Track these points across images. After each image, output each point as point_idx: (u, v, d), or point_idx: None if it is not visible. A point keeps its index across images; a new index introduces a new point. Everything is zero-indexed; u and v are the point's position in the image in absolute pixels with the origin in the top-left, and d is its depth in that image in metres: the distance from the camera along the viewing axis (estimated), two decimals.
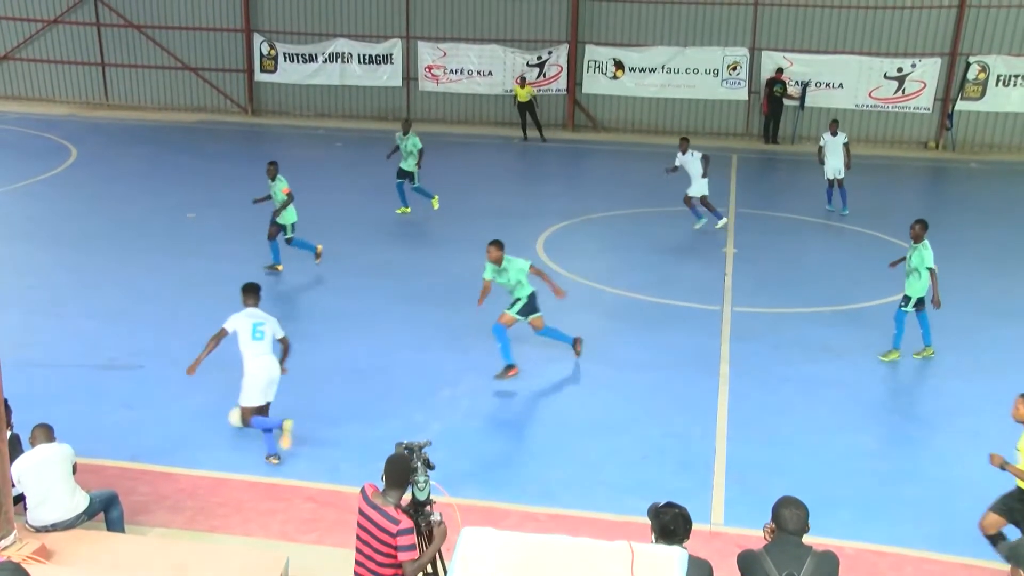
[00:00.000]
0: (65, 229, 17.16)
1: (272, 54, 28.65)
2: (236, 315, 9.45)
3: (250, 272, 14.90)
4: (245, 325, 9.37)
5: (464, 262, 15.75)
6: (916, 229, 11.81)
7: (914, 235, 11.82)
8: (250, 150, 24.85)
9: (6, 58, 29.90)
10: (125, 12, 28.92)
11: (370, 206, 19.01)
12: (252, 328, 9.38)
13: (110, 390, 10.90)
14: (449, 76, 27.98)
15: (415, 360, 11.89)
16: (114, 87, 29.95)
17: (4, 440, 6.67)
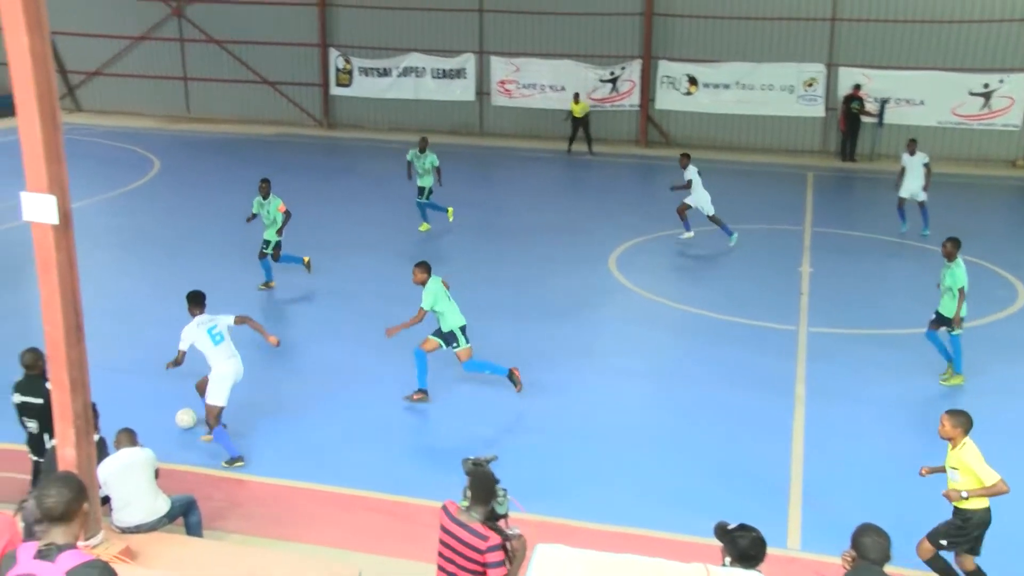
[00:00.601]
0: (146, 239, 17.63)
1: (348, 68, 29.11)
2: (186, 329, 9.55)
3: (320, 283, 15.19)
4: (200, 335, 9.47)
5: (534, 278, 15.79)
6: (947, 247, 11.42)
7: (946, 253, 11.44)
8: (325, 163, 25.27)
9: (97, 74, 30.90)
10: (207, 28, 29.68)
11: (442, 217, 19.14)
12: (209, 335, 9.49)
13: (187, 397, 11.11)
14: (522, 91, 28.10)
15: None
16: (196, 100, 30.74)
17: (92, 443, 6.85)
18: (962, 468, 7.22)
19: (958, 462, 7.25)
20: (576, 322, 13.88)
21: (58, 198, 6.08)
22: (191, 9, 29.71)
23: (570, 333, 13.40)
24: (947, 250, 11.40)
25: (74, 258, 6.36)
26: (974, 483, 7.16)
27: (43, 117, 5.95)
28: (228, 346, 9.63)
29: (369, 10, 28.52)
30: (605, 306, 14.77)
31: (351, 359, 12.28)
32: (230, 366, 9.57)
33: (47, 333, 6.42)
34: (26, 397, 8.14)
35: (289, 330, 13.33)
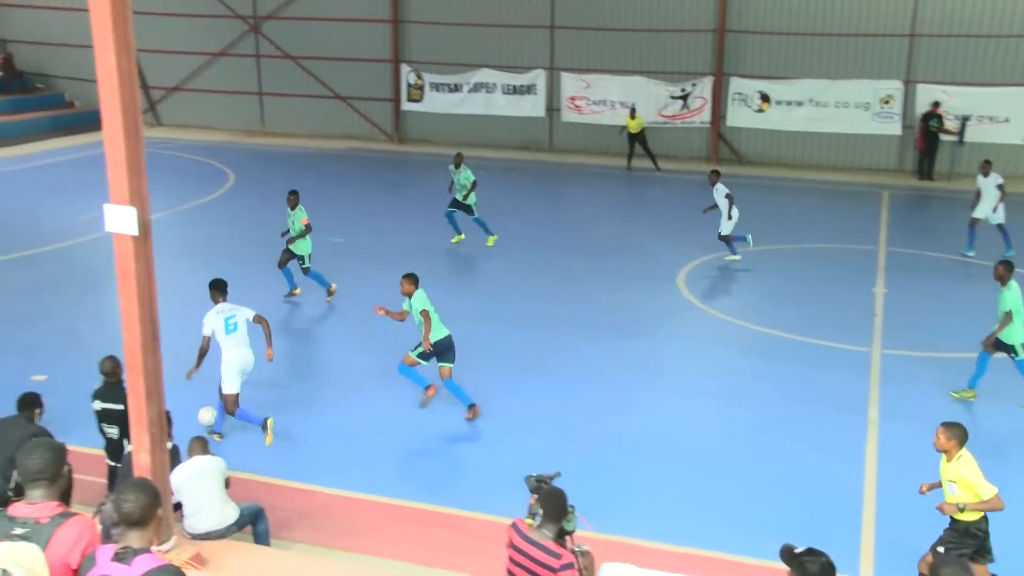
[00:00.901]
0: (219, 250, 18.00)
1: (419, 84, 29.42)
2: (207, 316, 10.17)
3: (390, 295, 15.30)
4: (218, 322, 10.13)
5: (600, 295, 15.72)
6: (999, 270, 11.14)
7: (997, 276, 11.15)
8: (395, 177, 25.55)
9: (176, 89, 31.74)
10: (282, 44, 30.29)
11: (513, 231, 19.20)
12: (224, 323, 10.14)
13: (254, 407, 11.28)
14: (592, 107, 28.07)
15: (546, 390, 11.88)
16: (270, 115, 31.37)
17: (166, 450, 6.99)
18: (959, 481, 7.14)
19: (955, 475, 7.17)
20: (642, 340, 13.78)
21: (138, 210, 6.24)
22: (267, 26, 30.35)
23: (635, 351, 13.31)
24: (998, 273, 11.16)
25: (152, 268, 6.52)
26: (971, 496, 7.09)
27: (127, 132, 6.11)
28: (239, 336, 10.20)
29: (441, 26, 28.83)
30: (672, 324, 14.64)
31: None
32: (236, 355, 10.11)
33: (125, 341, 6.58)
34: (106, 404, 8.36)
35: (348, 342, 13.47)
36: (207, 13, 30.57)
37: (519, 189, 24.34)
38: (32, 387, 9.14)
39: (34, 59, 32.68)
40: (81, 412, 10.06)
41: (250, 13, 30.37)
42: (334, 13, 29.58)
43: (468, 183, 18.10)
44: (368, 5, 29.31)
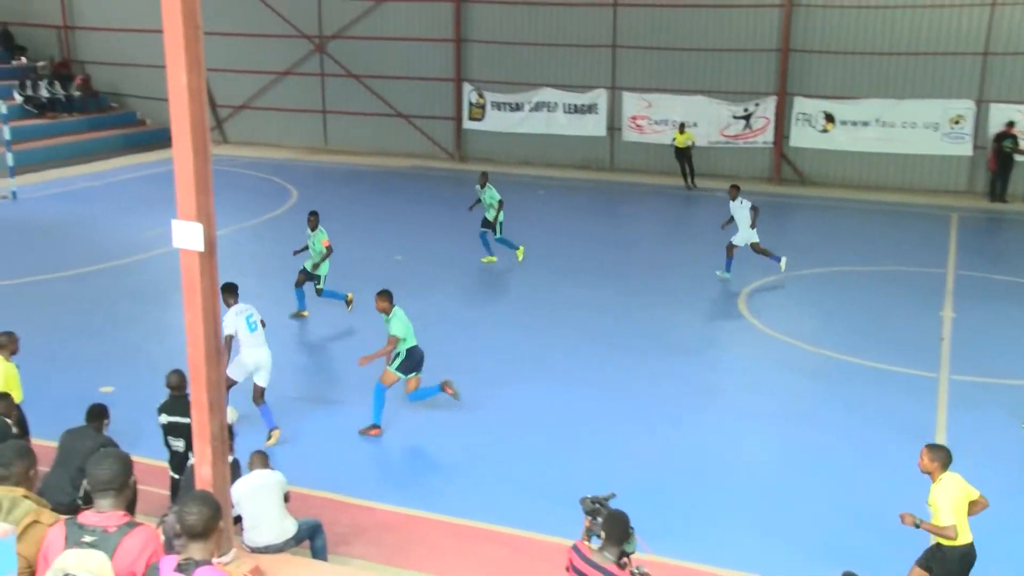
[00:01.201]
0: (282, 266, 18.20)
1: (481, 103, 29.61)
2: (227, 316, 10.45)
3: (454, 311, 15.39)
4: (240, 322, 10.72)
5: (658, 314, 15.61)
6: None
7: None
8: (456, 195, 25.64)
9: (243, 107, 32.38)
10: (346, 64, 30.74)
11: (569, 249, 19.19)
12: (246, 322, 10.74)
13: (315, 421, 11.41)
14: (653, 127, 27.96)
15: (601, 406, 11.81)
16: (333, 133, 31.82)
17: (227, 463, 7.08)
18: (932, 505, 7.18)
19: (931, 498, 7.19)
20: (700, 358, 13.67)
21: (205, 226, 6.35)
22: (332, 45, 30.83)
23: (692, 369, 13.21)
24: None
25: (216, 284, 6.63)
26: (935, 518, 7.14)
27: (195, 150, 6.23)
28: (259, 335, 10.80)
29: (503, 46, 29.01)
30: (731, 344, 14.50)
31: (467, 389, 12.36)
32: (253, 354, 10.72)
33: (189, 355, 6.69)
34: (172, 417, 8.51)
35: None
36: (275, 33, 31.16)
37: (579, 208, 24.32)
38: (100, 398, 9.35)
39: (109, 79, 33.60)
40: (145, 424, 10.26)
41: (316, 33, 30.89)
42: (398, 33, 29.95)
43: (495, 202, 18.10)
44: (431, 25, 29.63)
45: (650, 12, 27.40)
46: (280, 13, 30.83)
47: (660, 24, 27.37)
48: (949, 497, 7.05)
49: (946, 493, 7.06)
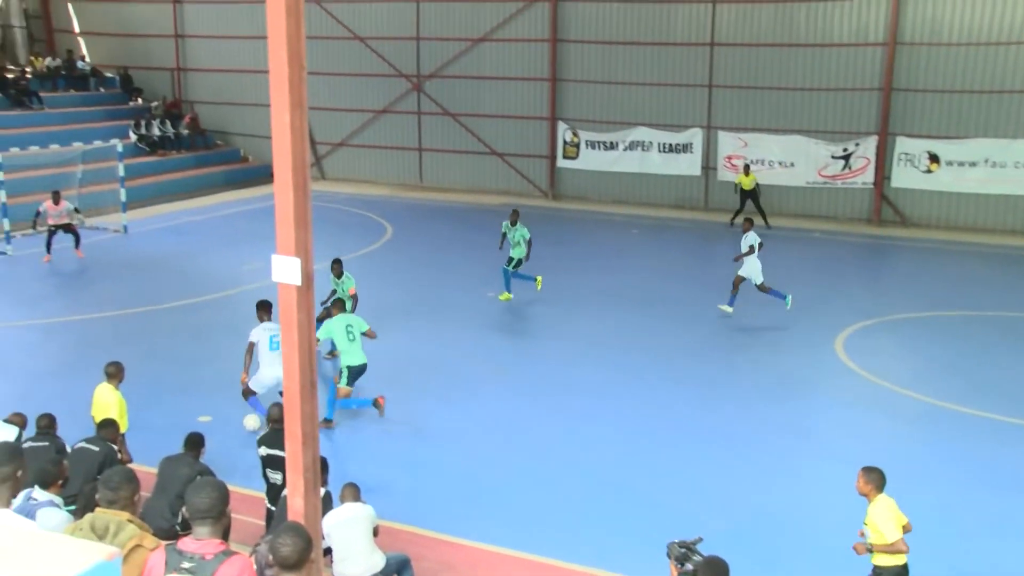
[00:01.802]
0: (376, 301, 18.49)
1: (575, 141, 29.72)
2: (256, 329, 11.81)
3: (547, 349, 15.35)
4: (263, 337, 11.69)
5: (754, 357, 15.30)
6: None
7: None
8: (549, 233, 25.70)
9: (342, 144, 33.18)
10: (443, 102, 31.26)
11: (664, 288, 18.98)
12: (269, 340, 11.58)
13: (401, 455, 11.46)
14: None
15: (692, 450, 11.58)
16: (428, 170, 32.32)
17: (319, 495, 7.14)
18: (870, 524, 7.45)
19: (868, 519, 7.47)
20: (795, 403, 13.33)
21: (303, 261, 6.45)
22: (429, 84, 31.42)
23: (787, 414, 12.89)
24: None
25: (312, 318, 6.72)
26: (879, 539, 7.38)
27: (295, 186, 6.36)
28: (279, 355, 10.26)
29: (598, 85, 29.12)
30: (828, 389, 14.11)
31: (561, 429, 12.28)
32: (271, 371, 11.48)
33: (285, 387, 6.78)
34: (272, 450, 8.64)
35: (488, 388, 13.53)
36: (373, 72, 31.92)
37: (674, 248, 24.12)
38: (198, 427, 9.59)
39: (215, 117, 34.86)
40: (239, 453, 10.48)
41: (413, 72, 31.52)
42: (494, 72, 30.36)
43: (524, 241, 18.12)
44: (527, 64, 29.95)
45: (747, 51, 27.20)
46: (380, 53, 31.60)
47: (757, 63, 27.14)
48: (888, 515, 7.40)
49: (883, 512, 7.43)
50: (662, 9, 27.96)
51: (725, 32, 27.40)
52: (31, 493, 6.72)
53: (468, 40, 30.42)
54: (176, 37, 34.60)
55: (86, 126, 30.05)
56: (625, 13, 28.41)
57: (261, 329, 11.81)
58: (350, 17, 31.71)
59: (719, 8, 27.29)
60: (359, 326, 12.32)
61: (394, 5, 31.26)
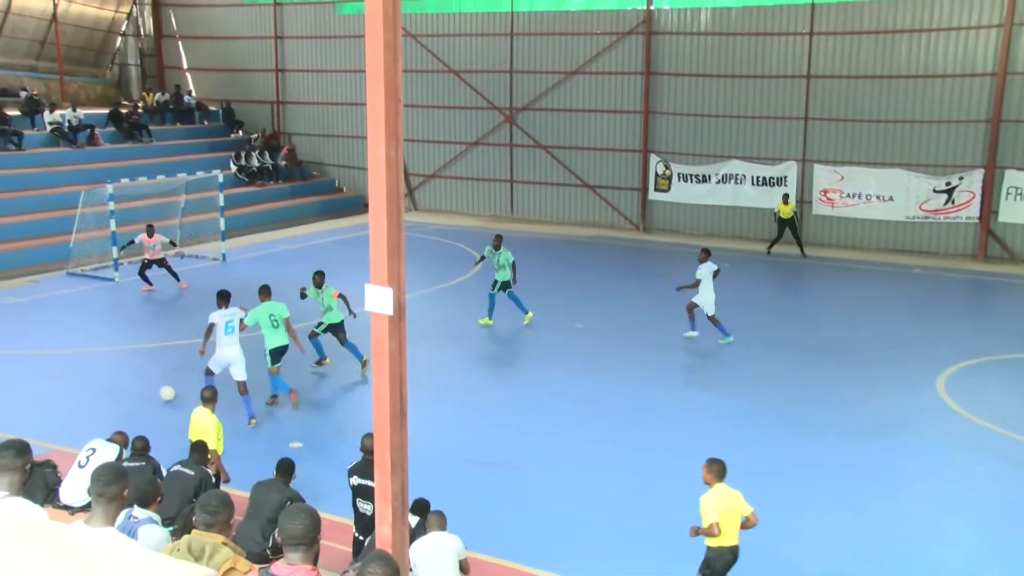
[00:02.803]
0: (466, 331, 18.61)
1: (667, 174, 29.53)
2: (214, 313, 13.68)
3: (636, 384, 15.18)
4: (221, 322, 13.57)
5: (850, 396, 14.86)
6: None
7: None
8: (639, 266, 25.60)
9: (434, 176, 33.63)
10: (535, 134, 31.45)
11: (760, 324, 18.61)
12: (225, 324, 13.53)
13: (489, 486, 11.42)
14: (845, 200, 27.02)
15: (787, 489, 11.26)
16: (520, 202, 32.48)
17: (407, 524, 7.15)
18: (700, 508, 8.30)
19: (700, 504, 8.32)
20: (893, 443, 12.87)
21: (395, 291, 6.52)
22: (521, 116, 31.66)
23: (884, 454, 12.48)
24: None
25: (404, 347, 6.77)
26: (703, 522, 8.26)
27: (389, 217, 6.44)
28: (233, 338, 13.55)
29: (691, 117, 28.94)
30: (928, 429, 13.61)
31: (649, 463, 12.09)
32: (226, 352, 13.47)
33: (375, 416, 6.83)
34: (363, 480, 8.69)
35: (577, 422, 13.40)
36: (466, 105, 32.35)
37: (767, 283, 23.68)
38: (289, 453, 9.73)
39: (311, 149, 35.75)
40: (328, 480, 10.58)
41: (506, 104, 31.82)
42: (586, 104, 30.45)
43: (508, 264, 18.51)
44: (620, 97, 29.95)
45: (845, 83, 26.69)
46: (473, 86, 32.01)
47: (856, 95, 26.60)
48: (713, 502, 8.28)
49: (712, 499, 8.31)
50: (757, 41, 27.68)
51: (822, 64, 26.96)
52: (131, 512, 6.92)
53: (561, 73, 30.60)
54: (276, 71, 35.67)
55: (190, 157, 31.18)
56: (720, 45, 28.22)
57: (219, 314, 13.63)
58: (445, 50, 32.25)
59: (816, 40, 26.89)
60: (280, 314, 14.06)
61: (488, 39, 31.68)
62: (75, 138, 29.45)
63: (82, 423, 12.74)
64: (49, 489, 9.00)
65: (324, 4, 34.11)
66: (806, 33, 26.98)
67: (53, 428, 12.63)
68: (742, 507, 8.35)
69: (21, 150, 27.72)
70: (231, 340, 13.51)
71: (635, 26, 29.26)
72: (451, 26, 32.14)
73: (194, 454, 9.43)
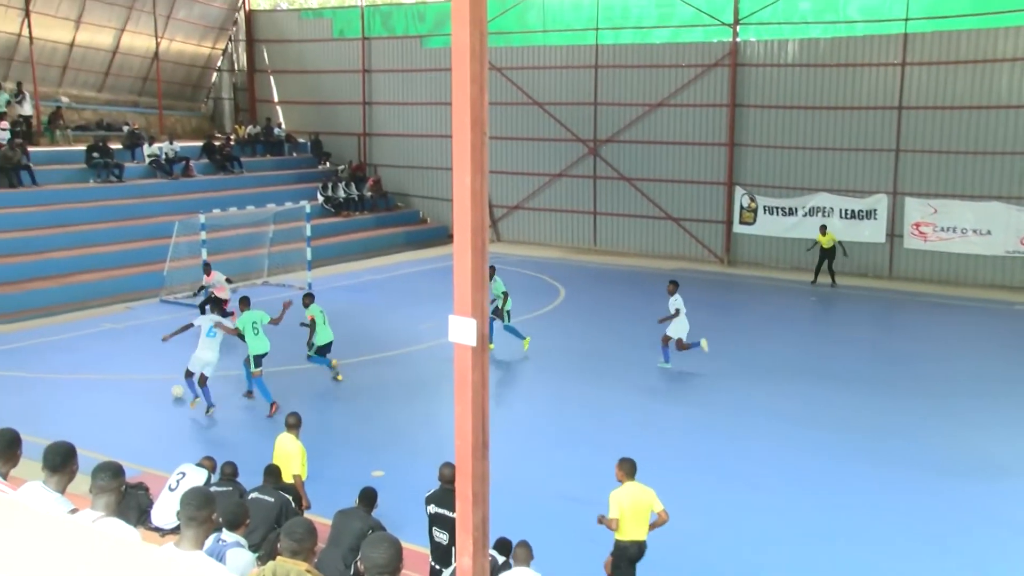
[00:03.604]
0: (549, 363, 18.56)
1: (752, 207, 29.16)
2: (200, 317, 15.47)
3: (722, 420, 14.92)
4: (205, 324, 15.05)
5: (948, 435, 14.35)
6: None
7: None
8: (723, 299, 25.26)
9: (517, 207, 33.82)
10: (619, 166, 31.42)
11: (849, 362, 18.16)
12: (209, 328, 14.96)
13: (572, 521, 11.30)
14: (939, 234, 26.28)
15: (889, 541, 10.87)
16: (603, 233, 32.42)
17: (487, 555, 7.10)
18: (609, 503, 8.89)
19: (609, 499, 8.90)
20: (1004, 489, 12.33)
21: (478, 322, 6.52)
22: (605, 148, 31.67)
23: (995, 501, 11.93)
24: None
25: (487, 378, 6.76)
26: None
27: (474, 248, 6.46)
28: (212, 342, 14.93)
29: (778, 150, 28.59)
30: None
31: (749, 504, 11.82)
32: (203, 354, 14.91)
33: (457, 446, 6.82)
34: (440, 509, 8.70)
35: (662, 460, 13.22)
36: (550, 137, 32.52)
37: (855, 318, 23.11)
38: (371, 482, 9.79)
39: (396, 180, 36.33)
40: (408, 510, 10.61)
41: (590, 137, 31.88)
42: (670, 137, 30.33)
43: (499, 293, 18.81)
44: (705, 129, 29.76)
45: (940, 114, 26.07)
46: (557, 118, 32.18)
47: (951, 126, 25.96)
48: (619, 499, 8.90)
49: (618, 495, 8.92)
50: (847, 73, 27.25)
51: (915, 94, 26.39)
52: (220, 535, 7.05)
53: (645, 105, 30.56)
54: (363, 104, 36.43)
55: (279, 188, 31.98)
56: (807, 77, 27.86)
57: (205, 318, 15.27)
58: (530, 83, 32.53)
59: (909, 70, 26.35)
60: (262, 320, 15.48)
61: (573, 71, 31.85)
62: (171, 169, 30.48)
63: (172, 447, 13.08)
64: (141, 511, 9.22)
65: (411, 38, 34.78)
66: (898, 64, 26.46)
67: (145, 451, 12.98)
68: (653, 504, 8.96)
69: (121, 181, 28.80)
70: (209, 344, 14.96)
71: (720, 58, 29.10)
72: (536, 59, 32.44)
73: (268, 479, 9.57)
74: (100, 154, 28.56)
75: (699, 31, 29.63)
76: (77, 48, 33.93)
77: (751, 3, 28.54)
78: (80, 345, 18.27)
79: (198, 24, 37.62)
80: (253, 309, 15.83)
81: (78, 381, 16.85)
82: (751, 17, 28.61)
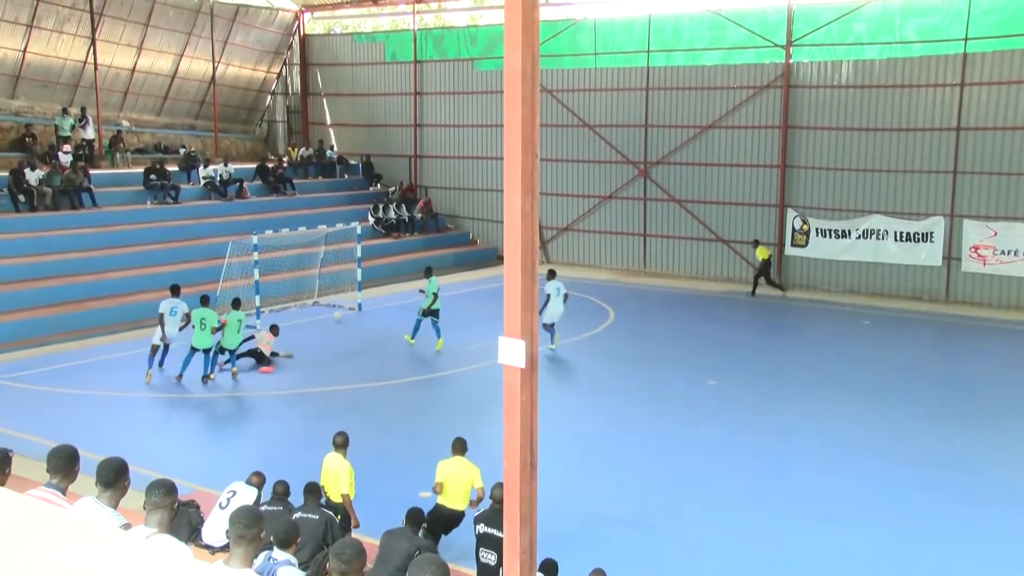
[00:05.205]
0: (599, 385, 18.48)
1: (804, 229, 28.83)
2: (163, 302, 18.14)
3: (769, 445, 14.70)
4: (167, 309, 17.94)
5: (1006, 464, 13.98)
6: None
7: None
8: (776, 322, 24.98)
9: (567, 229, 33.81)
10: (669, 188, 31.28)
11: (903, 386, 17.81)
12: (170, 310, 17.92)
13: (622, 545, 11.19)
14: (999, 257, 25.73)
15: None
16: (652, 255, 32.26)
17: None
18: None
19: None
20: None
21: (527, 344, 6.52)
22: (655, 170, 31.57)
23: None
24: None
25: (535, 399, 6.75)
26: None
27: (524, 269, 6.47)
28: (176, 320, 17.90)
29: (831, 171, 28.26)
30: None
31: (805, 536, 11.62)
32: (168, 330, 17.76)
33: (505, 467, 6.81)
34: (489, 528, 8.69)
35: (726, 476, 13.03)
36: (601, 159, 32.52)
37: (911, 342, 22.66)
38: (419, 502, 9.79)
39: (446, 201, 36.54)
40: (456, 531, 10.59)
41: (641, 159, 31.81)
42: (721, 159, 30.15)
43: (431, 292, 20.65)
44: (756, 151, 29.54)
45: (1000, 135, 25.59)
46: (608, 140, 32.17)
47: (1011, 147, 25.45)
48: (444, 468, 10.34)
49: (444, 465, 10.39)
50: (903, 93, 26.90)
51: (974, 115, 25.95)
52: (271, 553, 7.09)
53: (696, 127, 30.44)
54: (415, 126, 36.76)
55: (331, 210, 32.35)
56: (862, 98, 27.55)
57: (167, 303, 18.00)
58: (580, 105, 32.58)
59: (968, 90, 25.93)
60: (210, 322, 17.68)
61: (623, 94, 31.84)
62: (225, 191, 30.98)
63: (223, 465, 13.21)
64: (192, 528, 9.32)
65: (463, 61, 35.06)
66: (956, 84, 26.05)
67: (196, 469, 13.13)
68: (475, 481, 10.21)
69: (177, 203, 29.33)
70: (175, 321, 17.93)
71: (773, 80, 28.91)
72: (587, 82, 32.50)
73: (310, 497, 9.63)
74: (157, 176, 29.13)
75: (751, 53, 29.47)
76: (138, 73, 34.73)
77: (804, 24, 28.34)
78: (137, 364, 18.57)
79: (254, 49, 38.31)
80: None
81: (134, 399, 17.13)
82: (804, 39, 28.41)
